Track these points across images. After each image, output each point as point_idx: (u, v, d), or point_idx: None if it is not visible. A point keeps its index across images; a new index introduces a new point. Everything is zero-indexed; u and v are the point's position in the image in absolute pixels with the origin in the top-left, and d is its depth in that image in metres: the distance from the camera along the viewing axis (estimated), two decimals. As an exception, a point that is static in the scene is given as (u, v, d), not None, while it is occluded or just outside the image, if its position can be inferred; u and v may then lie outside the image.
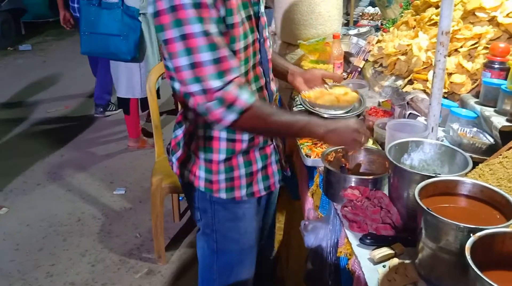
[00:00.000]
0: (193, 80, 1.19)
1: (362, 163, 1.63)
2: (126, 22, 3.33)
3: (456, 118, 1.64)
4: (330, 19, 2.32)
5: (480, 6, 1.88)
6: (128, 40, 3.35)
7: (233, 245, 1.56)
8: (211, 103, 1.21)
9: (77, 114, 4.85)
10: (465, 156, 1.36)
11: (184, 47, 1.16)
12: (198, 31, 1.15)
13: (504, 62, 1.68)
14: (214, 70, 1.18)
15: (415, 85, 1.88)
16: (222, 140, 1.40)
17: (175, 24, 1.15)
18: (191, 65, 1.18)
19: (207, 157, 1.42)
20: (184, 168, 1.48)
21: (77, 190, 3.49)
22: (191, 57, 1.17)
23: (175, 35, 1.16)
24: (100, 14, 3.36)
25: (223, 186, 1.45)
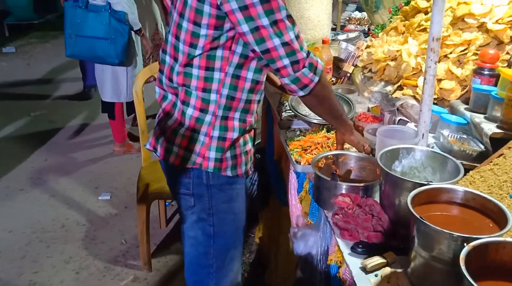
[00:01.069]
0: (287, 55, 1.39)
1: (352, 169, 1.61)
2: (113, 25, 3.29)
3: (446, 124, 1.63)
4: (319, 24, 2.31)
5: (469, 12, 1.88)
6: (116, 43, 3.30)
7: (229, 226, 1.65)
8: (303, 70, 1.42)
9: (61, 117, 4.77)
10: (457, 163, 1.35)
11: (277, 30, 1.36)
12: (285, 16, 1.37)
13: (494, 69, 1.68)
14: (298, 44, 1.41)
15: (404, 91, 1.87)
16: (235, 120, 1.53)
17: (268, 13, 1.34)
18: (285, 43, 1.38)
19: (222, 136, 1.52)
20: (191, 152, 1.54)
21: (61, 196, 3.42)
22: (283, 37, 1.37)
23: (269, 21, 1.34)
24: (87, 16, 3.31)
25: (230, 164, 1.56)
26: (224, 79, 1.46)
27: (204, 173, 1.55)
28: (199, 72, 1.47)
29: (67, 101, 5.18)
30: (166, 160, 1.59)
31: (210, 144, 1.53)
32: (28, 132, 4.47)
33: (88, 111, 4.88)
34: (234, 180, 1.59)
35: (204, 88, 1.48)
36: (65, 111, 4.93)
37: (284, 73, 1.43)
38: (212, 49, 1.43)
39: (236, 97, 1.50)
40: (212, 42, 1.42)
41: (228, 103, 1.50)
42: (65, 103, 5.14)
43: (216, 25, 1.39)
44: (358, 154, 1.61)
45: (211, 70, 1.46)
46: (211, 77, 1.46)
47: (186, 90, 1.50)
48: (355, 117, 1.94)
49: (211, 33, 1.41)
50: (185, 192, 1.60)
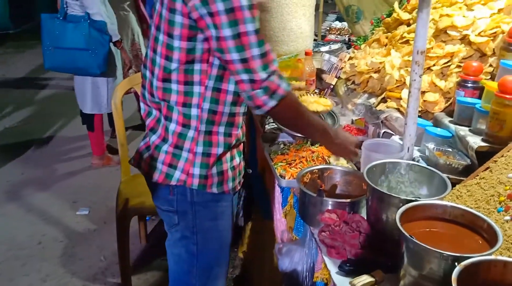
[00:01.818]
0: (244, 71, 1.33)
1: (338, 184, 1.59)
2: (93, 36, 3.22)
3: (431, 137, 1.62)
4: (302, 35, 2.29)
5: (452, 24, 1.88)
6: (97, 54, 3.24)
7: (213, 244, 1.60)
8: (257, 91, 1.35)
9: (38, 130, 4.64)
10: (444, 178, 1.33)
11: (238, 44, 1.30)
12: (251, 30, 1.29)
13: (477, 81, 1.68)
14: (261, 63, 1.33)
15: (388, 104, 1.86)
16: (220, 134, 1.48)
17: (232, 24, 1.28)
18: (244, 60, 1.32)
19: (206, 151, 1.47)
20: (174, 169, 1.49)
21: (38, 211, 3.31)
22: (244, 53, 1.30)
23: (231, 33, 1.28)
24: (65, 28, 3.24)
25: (216, 180, 1.50)
26: (205, 93, 1.42)
27: (188, 190, 1.50)
28: (178, 87, 1.42)
29: (45, 113, 5.06)
30: (150, 177, 1.54)
31: (194, 160, 1.48)
32: (3, 144, 4.34)
33: (66, 123, 4.77)
34: (220, 197, 1.54)
35: (184, 103, 1.43)
36: (43, 123, 4.81)
37: (242, 88, 1.37)
38: (189, 62, 1.39)
39: (218, 111, 1.45)
40: (187, 55, 1.38)
41: (210, 118, 1.45)
42: (42, 115, 5.02)
43: (189, 36, 1.35)
44: (343, 168, 1.58)
45: (190, 84, 1.41)
46: (190, 92, 1.42)
47: (168, 105, 1.46)
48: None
49: (185, 45, 1.37)
50: (169, 209, 1.56)
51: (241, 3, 1.27)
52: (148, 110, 1.53)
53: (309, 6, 2.29)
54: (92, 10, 3.21)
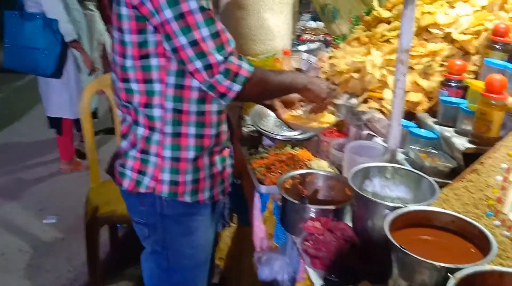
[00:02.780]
0: (196, 56, 1.20)
1: (320, 189, 1.51)
2: (46, 35, 3.07)
3: (415, 138, 1.55)
4: (279, 34, 2.22)
5: (434, 22, 1.83)
6: (48, 54, 3.09)
7: (186, 261, 1.48)
8: (217, 77, 1.23)
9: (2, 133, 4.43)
10: (431, 182, 1.26)
11: (183, 25, 1.17)
12: (195, 8, 1.17)
13: (461, 80, 1.62)
14: (215, 44, 1.20)
15: (370, 104, 1.79)
16: (190, 136, 1.35)
17: (171, 4, 1.16)
18: (193, 42, 1.19)
19: (174, 156, 1.35)
20: (143, 175, 1.38)
21: (2, 220, 3.13)
22: (191, 34, 1.18)
23: (173, 14, 1.17)
24: (22, 25, 3.09)
25: (189, 188, 1.39)
26: (166, 91, 1.29)
27: (157, 200, 1.39)
28: (138, 86, 1.31)
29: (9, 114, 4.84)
30: (120, 185, 1.43)
31: (162, 165, 1.36)
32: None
33: (33, 125, 4.56)
34: (194, 210, 1.43)
35: (146, 103, 1.32)
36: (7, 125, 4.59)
37: (199, 78, 1.24)
38: (143, 57, 1.27)
39: (183, 110, 1.32)
40: (139, 49, 1.26)
41: (176, 118, 1.32)
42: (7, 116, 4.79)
43: (139, 28, 1.24)
44: (326, 173, 1.50)
45: (149, 82, 1.29)
46: (151, 91, 1.30)
47: (133, 107, 1.35)
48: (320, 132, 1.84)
49: (136, 39, 1.26)
50: (139, 220, 1.46)
51: None
52: (123, 115, 1.42)
53: (286, 4, 2.22)
54: (45, 7, 3.06)
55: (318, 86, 1.46)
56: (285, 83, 1.42)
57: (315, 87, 1.46)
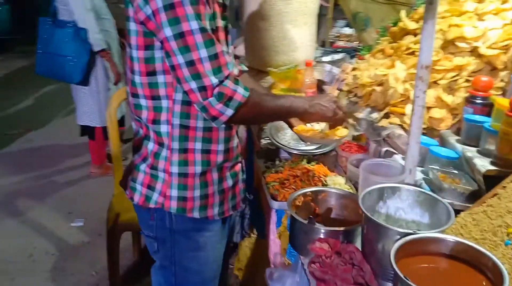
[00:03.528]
0: (192, 77, 1.19)
1: (333, 208, 1.46)
2: (76, 43, 3.15)
3: (435, 158, 1.49)
4: (302, 45, 2.18)
5: (461, 35, 1.75)
6: (76, 62, 3.16)
7: (194, 277, 1.48)
8: (210, 99, 1.21)
9: (39, 137, 4.58)
10: (447, 207, 1.20)
11: (182, 45, 1.17)
12: (195, 28, 1.16)
13: (487, 97, 1.55)
14: (211, 66, 1.19)
15: (391, 119, 1.73)
16: (197, 151, 1.35)
17: (172, 22, 1.15)
18: (190, 63, 1.18)
19: (182, 171, 1.35)
20: (152, 190, 1.38)
21: (32, 222, 3.23)
22: (189, 54, 1.17)
23: (172, 33, 1.16)
24: (53, 33, 3.17)
25: (197, 204, 1.38)
26: (173, 107, 1.30)
27: (167, 215, 1.39)
28: (146, 102, 1.32)
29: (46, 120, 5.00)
30: (131, 199, 1.44)
31: (170, 181, 1.36)
32: (2, 152, 4.27)
33: (67, 130, 4.70)
34: (203, 226, 1.42)
35: (154, 119, 1.32)
36: (43, 130, 4.75)
37: (193, 99, 1.23)
38: (150, 74, 1.27)
39: (190, 126, 1.32)
40: (146, 65, 1.27)
41: (183, 134, 1.32)
42: (43, 122, 4.95)
43: (146, 44, 1.24)
44: (339, 191, 1.45)
45: (157, 98, 1.30)
46: (159, 107, 1.30)
47: (143, 123, 1.36)
48: (338, 147, 1.79)
49: (142, 55, 1.26)
50: (149, 234, 1.46)
51: None
52: (136, 128, 1.43)
53: (310, 15, 2.18)
54: (76, 16, 3.13)
55: (320, 107, 1.41)
56: (283, 108, 1.38)
57: (317, 109, 1.41)
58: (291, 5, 2.08)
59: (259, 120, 1.43)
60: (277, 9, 2.09)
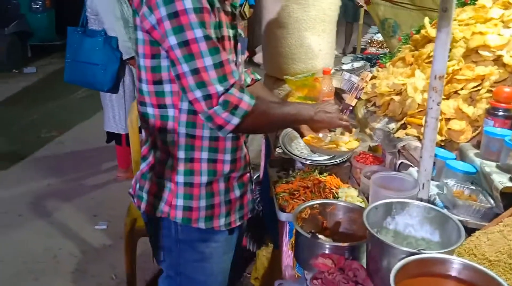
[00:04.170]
0: (197, 85, 1.18)
1: (341, 221, 1.42)
2: (106, 51, 3.21)
3: (452, 172, 1.42)
4: (320, 53, 2.14)
5: (484, 43, 1.67)
6: (106, 70, 3.22)
7: None
8: (215, 108, 1.20)
9: (69, 140, 4.70)
10: (458, 225, 1.14)
11: (186, 53, 1.16)
12: (200, 36, 1.15)
13: (510, 109, 1.47)
14: (216, 75, 1.18)
15: (408, 131, 1.67)
16: (203, 161, 1.34)
17: (176, 31, 1.15)
18: (194, 71, 1.17)
19: (188, 181, 1.35)
20: (158, 199, 1.38)
21: (58, 223, 3.30)
22: (194, 62, 1.16)
23: (177, 41, 1.15)
24: (83, 41, 3.25)
25: (203, 214, 1.37)
26: (179, 117, 1.29)
27: (173, 224, 1.38)
28: (153, 111, 1.32)
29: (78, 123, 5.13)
30: (139, 208, 1.44)
31: (176, 191, 1.36)
32: (35, 154, 4.40)
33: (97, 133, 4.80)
34: (208, 236, 1.41)
35: (160, 128, 1.32)
36: (74, 133, 4.87)
37: (198, 108, 1.22)
38: (157, 83, 1.27)
39: (197, 135, 1.31)
40: (152, 74, 1.27)
41: (189, 143, 1.31)
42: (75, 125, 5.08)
43: (152, 53, 1.24)
44: (347, 204, 1.41)
45: (163, 107, 1.30)
46: (165, 115, 1.30)
47: (152, 131, 1.36)
48: (353, 157, 1.75)
49: (149, 63, 1.26)
50: (156, 244, 1.48)
51: (185, 5, 1.13)
52: (145, 137, 1.43)
53: (329, 22, 2.14)
54: (106, 25, 3.20)
55: (326, 115, 1.38)
56: (289, 115, 1.36)
57: (324, 117, 1.38)
58: (309, 13, 2.05)
59: (266, 128, 1.41)
60: (295, 17, 2.06)
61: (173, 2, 1.14)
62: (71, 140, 4.70)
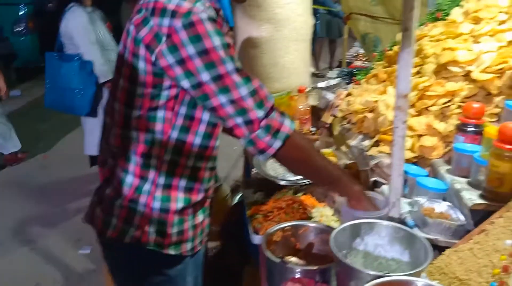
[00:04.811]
0: (237, 113, 1.20)
1: (314, 243, 1.40)
2: (82, 75, 3.21)
3: (423, 190, 1.42)
4: (295, 71, 2.15)
5: (453, 59, 1.69)
6: (83, 94, 3.21)
7: None
8: (257, 132, 1.20)
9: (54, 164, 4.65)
10: (425, 245, 1.13)
11: (221, 86, 1.18)
12: (231, 69, 1.18)
13: (480, 125, 1.47)
14: (254, 101, 1.19)
15: (380, 148, 1.67)
16: (180, 188, 1.33)
17: (208, 67, 1.16)
18: (232, 101, 1.19)
19: (164, 207, 1.32)
20: (130, 225, 1.34)
21: (41, 250, 3.25)
22: (230, 94, 1.18)
23: (209, 76, 1.17)
24: (60, 66, 3.26)
25: (174, 240, 1.36)
26: (167, 144, 1.28)
27: (142, 250, 1.35)
28: (138, 135, 1.29)
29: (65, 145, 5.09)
30: (103, 234, 1.40)
31: (150, 216, 1.33)
32: (19, 179, 4.36)
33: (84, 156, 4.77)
34: (175, 261, 1.38)
35: (143, 152, 1.30)
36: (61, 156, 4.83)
37: (239, 134, 1.22)
38: (151, 109, 1.26)
39: (180, 164, 1.30)
40: (151, 101, 1.25)
41: (171, 170, 1.30)
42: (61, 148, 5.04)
43: (154, 83, 1.23)
44: (318, 225, 1.40)
45: (151, 132, 1.28)
46: (151, 141, 1.28)
47: (125, 155, 1.33)
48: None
49: (149, 92, 1.25)
50: (117, 269, 1.44)
51: (214, 43, 1.15)
52: (103, 158, 1.41)
53: (302, 41, 2.15)
54: (81, 50, 3.20)
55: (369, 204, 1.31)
56: (331, 171, 1.31)
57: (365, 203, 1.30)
58: (282, 32, 2.06)
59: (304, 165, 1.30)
60: (268, 37, 2.07)
61: (201, 40, 1.15)
62: (56, 164, 4.66)
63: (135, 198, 1.33)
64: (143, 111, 1.27)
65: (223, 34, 1.19)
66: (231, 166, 3.79)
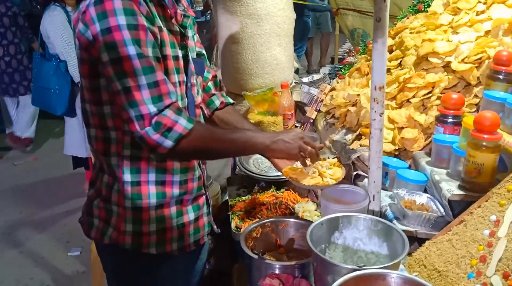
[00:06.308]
0: (129, 105, 1.14)
1: (295, 238, 1.39)
2: (58, 75, 3.19)
3: (403, 182, 1.41)
4: (278, 67, 2.13)
5: (433, 50, 1.68)
6: (59, 94, 3.20)
7: None
8: (147, 129, 1.15)
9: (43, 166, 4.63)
10: (402, 237, 1.12)
11: (119, 70, 1.12)
12: (133, 54, 1.11)
13: (459, 115, 1.46)
14: (150, 94, 1.13)
15: (362, 141, 1.66)
16: (151, 183, 1.29)
17: (109, 47, 1.11)
18: (126, 89, 1.13)
19: (135, 205, 1.29)
20: (108, 225, 1.32)
21: (30, 252, 3.23)
22: (126, 80, 1.12)
23: (109, 57, 1.12)
24: (41, 66, 3.24)
25: (154, 239, 1.31)
26: (123, 139, 1.25)
27: (122, 250, 1.33)
28: (96, 133, 1.27)
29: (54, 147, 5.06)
30: (88, 235, 1.39)
31: (124, 215, 1.30)
32: (9, 183, 4.32)
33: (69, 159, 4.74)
34: (160, 261, 1.35)
35: (105, 150, 1.27)
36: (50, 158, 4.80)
37: (132, 128, 1.17)
38: (98, 104, 1.23)
39: (142, 156, 1.26)
40: (92, 94, 1.23)
41: (134, 165, 1.26)
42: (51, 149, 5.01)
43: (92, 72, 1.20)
44: (298, 220, 1.39)
45: (106, 129, 1.25)
46: (108, 138, 1.26)
47: (99, 154, 1.31)
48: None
49: (88, 83, 1.23)
50: (108, 272, 1.43)
51: (119, 21, 1.10)
52: (94, 161, 1.39)
53: (284, 36, 2.13)
54: (57, 49, 3.18)
55: (284, 144, 1.29)
56: (237, 143, 1.29)
57: (281, 146, 1.29)
58: (263, 27, 2.04)
59: (207, 154, 1.30)
60: (249, 32, 2.05)
61: (107, 17, 1.11)
62: (45, 166, 4.63)
63: (108, 198, 1.31)
64: (92, 106, 1.24)
65: (136, 13, 1.12)
66: (223, 165, 3.76)
